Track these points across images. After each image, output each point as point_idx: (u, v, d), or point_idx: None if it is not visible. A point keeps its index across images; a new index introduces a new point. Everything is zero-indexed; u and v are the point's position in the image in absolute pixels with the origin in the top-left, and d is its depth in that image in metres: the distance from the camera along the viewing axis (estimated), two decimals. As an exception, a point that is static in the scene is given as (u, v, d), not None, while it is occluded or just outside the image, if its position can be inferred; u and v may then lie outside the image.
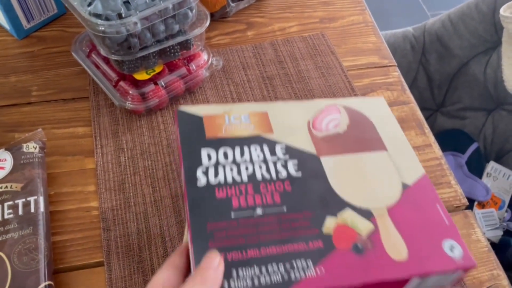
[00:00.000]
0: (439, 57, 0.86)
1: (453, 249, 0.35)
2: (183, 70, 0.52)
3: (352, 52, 0.61)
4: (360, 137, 0.42)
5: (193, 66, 0.53)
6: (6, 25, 0.59)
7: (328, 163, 0.40)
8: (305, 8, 0.67)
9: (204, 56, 0.54)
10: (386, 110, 0.45)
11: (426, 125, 0.54)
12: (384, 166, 0.40)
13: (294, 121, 0.42)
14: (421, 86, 0.90)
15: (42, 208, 0.42)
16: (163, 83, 0.51)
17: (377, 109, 0.45)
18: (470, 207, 0.48)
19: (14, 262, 0.38)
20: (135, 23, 0.45)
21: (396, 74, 0.59)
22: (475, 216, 0.47)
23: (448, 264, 0.34)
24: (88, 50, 0.54)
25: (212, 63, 0.55)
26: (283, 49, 0.61)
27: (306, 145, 0.41)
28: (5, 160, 0.44)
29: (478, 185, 0.77)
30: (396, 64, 0.61)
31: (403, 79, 0.59)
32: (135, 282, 0.41)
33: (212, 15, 0.63)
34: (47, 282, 0.38)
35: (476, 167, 0.80)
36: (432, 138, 0.53)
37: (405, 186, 0.39)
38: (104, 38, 0.45)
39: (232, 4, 0.62)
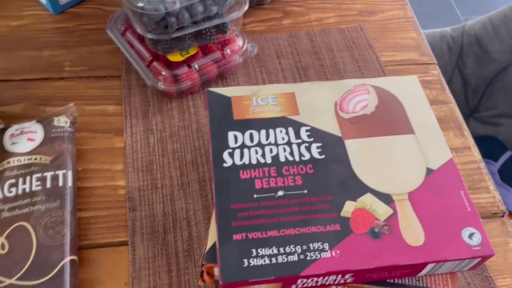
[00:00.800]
0: (477, 60, 0.83)
1: (472, 237, 0.35)
2: (217, 54, 0.51)
3: (391, 47, 0.59)
4: (388, 119, 0.41)
5: (227, 50, 0.52)
6: (43, 0, 0.58)
7: (353, 146, 0.40)
8: (344, -1, 0.65)
9: (239, 42, 0.53)
10: (418, 90, 0.44)
11: (465, 127, 0.52)
12: (410, 150, 0.40)
13: (321, 102, 0.42)
14: (456, 89, 0.87)
15: (70, 182, 0.42)
16: (196, 66, 0.50)
17: (408, 89, 0.44)
18: (503, 215, 0.46)
19: (40, 234, 0.38)
20: (174, 2, 0.44)
21: (435, 72, 0.57)
22: None
23: (465, 252, 0.34)
24: (123, 29, 0.53)
25: (247, 49, 0.53)
26: (319, 40, 0.59)
27: (332, 128, 0.41)
28: (36, 132, 0.44)
29: (510, 194, 0.74)
30: (436, 62, 0.58)
31: (443, 78, 0.57)
32: (158, 264, 0.40)
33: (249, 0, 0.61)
34: (71, 257, 0.38)
35: (508, 176, 0.77)
36: (471, 141, 0.51)
37: (429, 171, 0.39)
38: (141, 15, 0.45)
39: (270, -9, 0.61)
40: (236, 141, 0.39)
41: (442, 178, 0.38)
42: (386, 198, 0.36)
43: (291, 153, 0.38)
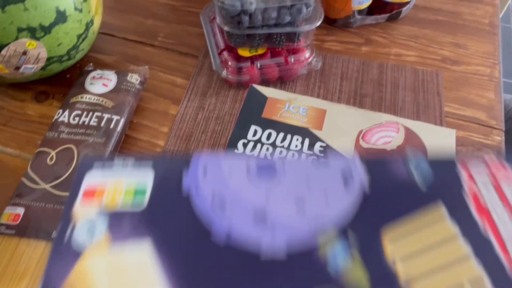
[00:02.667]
0: None
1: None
2: (281, 59, 0.55)
3: (461, 101, 0.57)
4: None
5: (292, 59, 0.56)
6: (163, -22, 0.68)
7: None
8: (433, 43, 0.64)
9: (306, 53, 0.56)
10: (451, 144, 0.43)
11: (504, 201, 0.49)
12: None
13: (347, 126, 0.44)
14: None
15: (119, 128, 0.50)
16: (259, 65, 0.55)
17: (440, 140, 0.43)
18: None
19: (80, 159, 0.46)
20: (251, 3, 0.49)
21: (498, 139, 0.54)
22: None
23: None
24: (212, 17, 0.60)
25: (312, 62, 0.56)
26: (389, 73, 0.59)
27: (346, 151, 0.42)
28: (111, 80, 0.53)
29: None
30: (503, 129, 0.55)
31: (504, 147, 0.53)
32: (160, 218, 0.46)
33: (335, 20, 0.64)
34: (95, 185, 0.45)
35: None
36: (504, 216, 0.48)
37: None
38: (221, 8, 0.51)
39: (358, 17, 0.63)
40: (254, 135, 0.43)
41: None
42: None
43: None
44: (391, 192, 0.22)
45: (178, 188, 0.23)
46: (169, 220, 0.22)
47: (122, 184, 0.23)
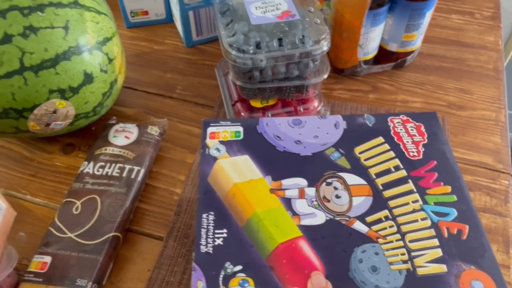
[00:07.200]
0: None
1: None
2: (291, 109, 0.59)
3: (467, 146, 0.59)
4: None
5: (301, 108, 0.59)
6: (181, 33, 0.73)
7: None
8: (438, 89, 0.66)
9: (315, 103, 0.59)
10: None
11: (514, 246, 0.49)
12: None
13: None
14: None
15: (140, 178, 0.53)
16: (269, 114, 0.58)
17: None
18: None
19: (103, 209, 0.50)
20: (261, 60, 0.53)
21: (505, 182, 0.55)
22: None
23: None
24: (226, 71, 0.64)
25: (320, 111, 0.59)
26: (396, 120, 0.62)
27: None
28: (133, 133, 0.57)
29: None
30: (511, 173, 0.56)
31: (511, 191, 0.55)
32: (178, 264, 0.49)
33: (343, 70, 0.68)
34: (116, 233, 0.48)
35: None
36: (514, 261, 0.48)
37: None
38: (234, 65, 0.55)
39: (364, 66, 0.66)
40: None
41: None
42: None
43: None
44: (356, 129, 0.46)
45: (256, 131, 0.46)
46: (254, 144, 0.44)
47: (227, 130, 0.46)
